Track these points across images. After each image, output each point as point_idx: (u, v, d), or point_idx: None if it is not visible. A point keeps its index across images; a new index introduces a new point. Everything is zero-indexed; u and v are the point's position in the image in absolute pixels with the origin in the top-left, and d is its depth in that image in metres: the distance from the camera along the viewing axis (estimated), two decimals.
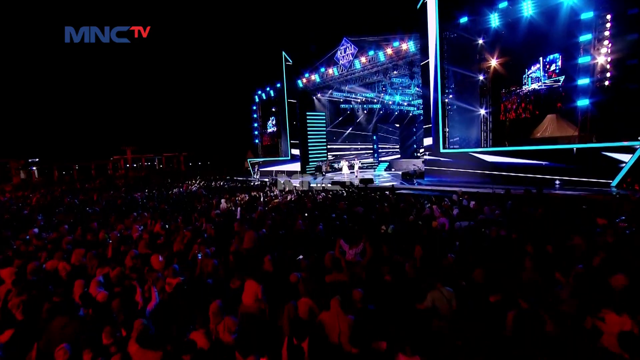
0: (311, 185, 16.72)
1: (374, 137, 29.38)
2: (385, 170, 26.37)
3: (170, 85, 53.07)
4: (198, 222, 7.91)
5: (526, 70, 12.88)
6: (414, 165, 20.50)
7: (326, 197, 11.04)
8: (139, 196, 14.06)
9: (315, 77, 22.87)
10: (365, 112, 28.35)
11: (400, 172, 22.33)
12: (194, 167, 50.81)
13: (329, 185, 16.41)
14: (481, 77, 14.20)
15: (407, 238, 6.03)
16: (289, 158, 24.74)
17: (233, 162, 44.23)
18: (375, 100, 27.00)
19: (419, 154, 30.67)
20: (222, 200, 9.46)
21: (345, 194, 12.90)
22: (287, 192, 13.78)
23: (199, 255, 5.23)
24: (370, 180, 15.21)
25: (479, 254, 5.18)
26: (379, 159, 29.09)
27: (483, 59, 14.03)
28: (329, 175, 23.53)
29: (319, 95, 25.43)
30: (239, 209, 8.37)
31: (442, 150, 15.28)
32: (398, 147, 30.95)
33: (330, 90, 24.72)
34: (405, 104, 29.06)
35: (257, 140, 30.44)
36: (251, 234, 6.19)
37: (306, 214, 8.19)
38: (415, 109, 30.15)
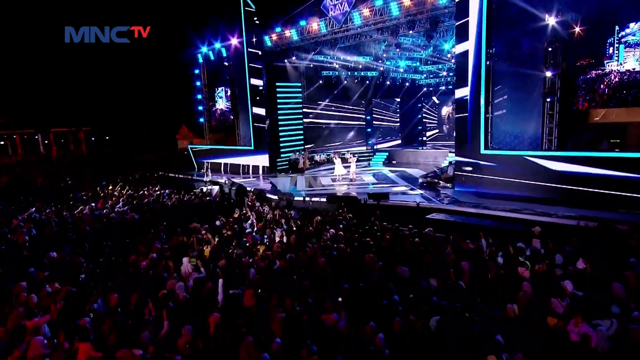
0: (296, 197, 15.21)
1: (368, 117, 28.21)
2: (385, 164, 25.55)
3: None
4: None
5: (616, 34, 11.87)
6: (437, 168, 19.71)
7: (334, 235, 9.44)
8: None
9: (291, 34, 20.84)
10: (356, 81, 27.16)
11: (406, 170, 21.70)
12: (102, 149, 45.28)
13: (323, 198, 14.99)
14: (547, 48, 13.10)
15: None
16: (252, 148, 22.97)
17: (160, 144, 41.05)
18: (372, 66, 26.02)
19: (425, 138, 30.26)
20: (185, 261, 7.40)
21: (349, 219, 11.66)
22: (266, 217, 11.95)
23: None
24: (384, 196, 13.98)
25: None
26: (375, 147, 28.06)
27: (546, 20, 12.91)
28: (310, 174, 22.37)
29: (294, 59, 23.74)
30: (219, 283, 6.42)
31: (483, 152, 14.55)
32: (397, 127, 30.14)
33: (311, 53, 23.26)
34: (412, 70, 28.32)
35: (201, 119, 28.35)
36: None
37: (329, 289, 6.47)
38: (424, 77, 29.53)
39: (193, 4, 32.55)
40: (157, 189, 17.69)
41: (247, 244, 9.31)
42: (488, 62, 14.06)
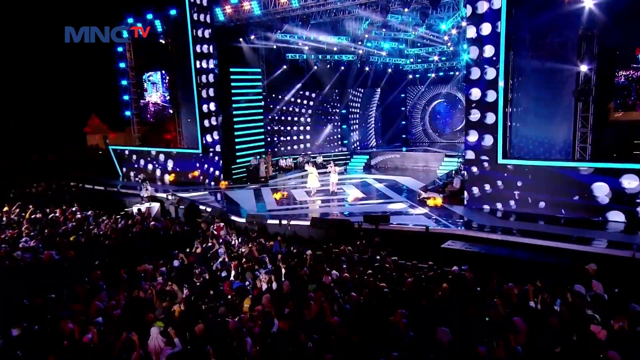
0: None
1: (343, 112, 28.18)
2: (365, 169, 25.55)
3: None
4: None
5: None
6: (437, 179, 19.75)
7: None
8: None
9: (251, 6, 20.35)
10: (329, 67, 27.08)
11: (395, 179, 21.78)
12: None
13: (305, 221, 14.55)
14: (582, 37, 13.36)
15: None
16: (199, 151, 22.14)
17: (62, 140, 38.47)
18: (351, 49, 25.90)
19: (409, 136, 30.68)
20: (154, 332, 6.45)
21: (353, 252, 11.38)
22: (239, 252, 11.20)
23: None
24: (384, 219, 13.82)
25: None
26: (352, 148, 28.16)
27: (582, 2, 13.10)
28: (277, 182, 22.06)
29: (252, 38, 23.26)
30: None
31: (501, 161, 14.65)
32: (378, 123, 30.31)
33: (277, 32, 22.99)
34: (396, 53, 28.71)
35: (128, 113, 27.20)
36: None
37: None
38: (409, 61, 29.89)
39: None
40: (75, 209, 16.21)
41: (229, 297, 8.51)
42: (509, 53, 14.15)
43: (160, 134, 26.13)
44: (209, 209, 16.50)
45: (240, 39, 23.12)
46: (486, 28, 14.20)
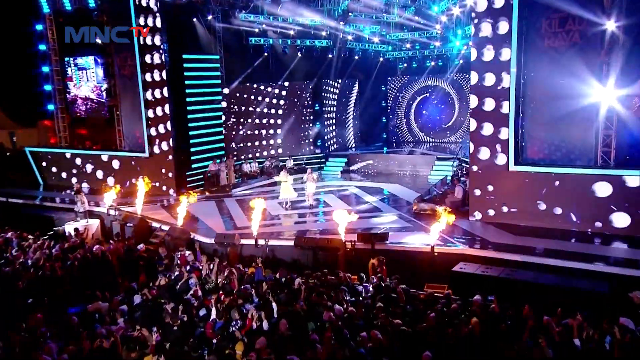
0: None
1: (317, 107, 28.20)
2: (343, 174, 25.57)
3: None
4: None
5: None
6: (434, 187, 19.84)
7: None
8: None
9: None
10: (300, 54, 27.06)
11: (381, 186, 21.81)
12: None
13: (287, 240, 14.40)
14: (606, 25, 13.56)
15: None
16: (146, 155, 21.98)
17: None
18: (323, 34, 25.84)
19: (392, 136, 31.00)
20: None
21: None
22: (216, 282, 10.85)
23: None
24: (381, 237, 13.92)
25: None
26: (328, 150, 28.34)
27: None
28: (239, 192, 21.96)
29: (210, 18, 22.78)
30: None
31: (512, 168, 14.92)
32: (351, 121, 30.55)
33: (241, 12, 23.03)
34: (376, 40, 28.74)
35: (51, 106, 26.51)
36: None
37: None
38: (392, 48, 30.29)
39: None
40: None
41: (214, 341, 8.13)
42: (521, 37, 14.40)
43: (95, 133, 25.59)
44: (164, 227, 15.92)
45: (194, 19, 22.64)
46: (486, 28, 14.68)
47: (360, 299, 10.19)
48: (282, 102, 27.21)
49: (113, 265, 12.65)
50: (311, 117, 28.17)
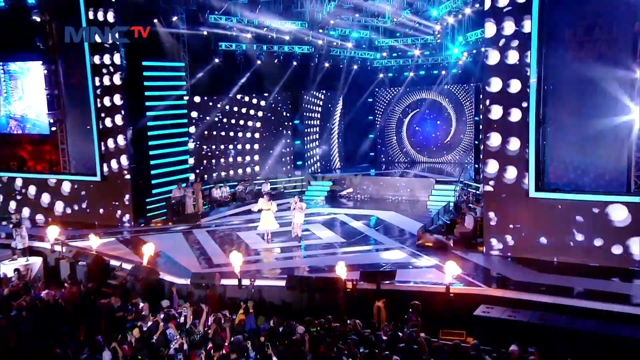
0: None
1: (297, 122, 28.49)
2: (328, 200, 25.90)
3: None
4: None
5: None
6: (439, 215, 19.91)
7: None
8: None
9: None
10: (277, 62, 27.29)
11: (375, 213, 21.98)
12: None
13: (277, 280, 14.34)
14: None
15: None
16: (98, 179, 21.76)
17: None
18: (308, 38, 26.29)
19: (381, 155, 31.25)
20: None
21: None
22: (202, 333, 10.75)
23: None
24: (388, 275, 13.94)
25: None
26: (309, 172, 28.53)
27: None
28: (210, 221, 21.97)
29: (174, 19, 22.89)
30: None
31: (533, 195, 15.07)
32: (336, 139, 30.82)
33: (214, 13, 23.14)
34: (366, 44, 29.12)
35: None
36: None
37: None
38: (379, 56, 30.72)
39: None
40: None
41: None
42: (541, 50, 14.58)
43: (33, 152, 25.24)
44: (126, 266, 15.54)
45: (155, 20, 22.54)
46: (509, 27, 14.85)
47: (376, 350, 9.93)
48: (257, 115, 27.35)
49: (69, 314, 12.07)
50: (290, 134, 28.29)
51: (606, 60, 14.33)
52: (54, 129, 23.96)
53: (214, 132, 26.32)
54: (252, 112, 27.14)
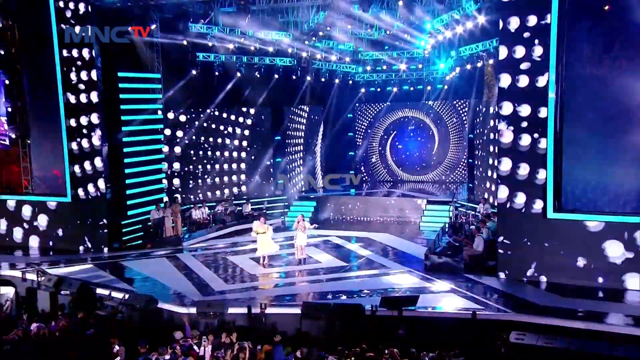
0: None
1: (278, 138, 28.43)
2: (312, 222, 25.39)
3: None
4: None
5: None
6: (449, 237, 19.97)
7: None
8: None
9: None
10: (258, 75, 27.44)
11: (370, 237, 22.07)
12: None
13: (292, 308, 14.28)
14: None
15: None
16: (68, 200, 21.29)
17: None
18: (292, 50, 26.55)
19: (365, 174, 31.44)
20: None
21: None
22: None
23: None
24: (410, 301, 13.73)
25: None
26: (293, 190, 28.63)
27: None
28: (192, 245, 21.88)
29: (153, 27, 22.78)
30: None
31: (551, 215, 15.21)
32: (319, 156, 30.96)
33: (186, 22, 23.14)
34: (348, 59, 29.53)
35: None
36: None
37: None
38: (361, 70, 31.12)
39: None
40: None
41: None
42: (561, 64, 14.72)
43: None
44: (117, 295, 14.86)
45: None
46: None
47: None
48: (237, 132, 27.30)
49: (69, 351, 11.40)
50: (272, 151, 28.18)
51: (631, 71, 14.61)
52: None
53: (192, 151, 26.17)
54: (232, 127, 27.11)
